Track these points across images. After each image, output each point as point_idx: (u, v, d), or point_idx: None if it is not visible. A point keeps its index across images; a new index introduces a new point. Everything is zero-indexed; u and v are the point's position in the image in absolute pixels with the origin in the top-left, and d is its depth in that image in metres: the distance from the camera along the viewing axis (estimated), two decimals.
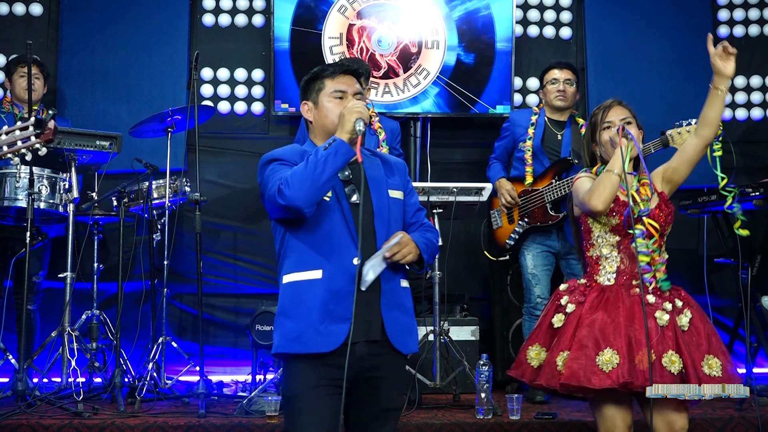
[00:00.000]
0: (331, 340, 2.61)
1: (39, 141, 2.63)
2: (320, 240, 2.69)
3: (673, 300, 3.15)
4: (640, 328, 3.03)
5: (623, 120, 3.26)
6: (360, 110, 2.65)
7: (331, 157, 2.58)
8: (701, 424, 4.04)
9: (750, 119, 6.25)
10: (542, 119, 5.02)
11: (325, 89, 2.80)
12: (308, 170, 2.58)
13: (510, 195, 4.95)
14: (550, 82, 4.99)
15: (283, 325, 2.73)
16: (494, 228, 5.09)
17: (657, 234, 3.19)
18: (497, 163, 5.18)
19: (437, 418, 4.15)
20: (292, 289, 2.73)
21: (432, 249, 2.81)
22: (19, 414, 4.02)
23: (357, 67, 2.85)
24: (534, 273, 4.81)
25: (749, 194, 4.89)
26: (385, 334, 2.69)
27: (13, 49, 5.73)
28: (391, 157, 2.96)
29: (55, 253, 5.21)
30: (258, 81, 6.05)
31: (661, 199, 3.26)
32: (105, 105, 5.78)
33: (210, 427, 3.96)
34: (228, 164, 6.01)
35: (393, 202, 2.79)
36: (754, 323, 5.14)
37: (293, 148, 2.86)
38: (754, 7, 6.27)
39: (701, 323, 3.14)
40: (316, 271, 2.68)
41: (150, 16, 5.89)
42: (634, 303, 3.11)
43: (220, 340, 5.90)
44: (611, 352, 3.00)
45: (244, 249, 5.95)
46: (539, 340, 3.23)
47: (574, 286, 3.26)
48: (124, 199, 4.67)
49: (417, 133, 6.02)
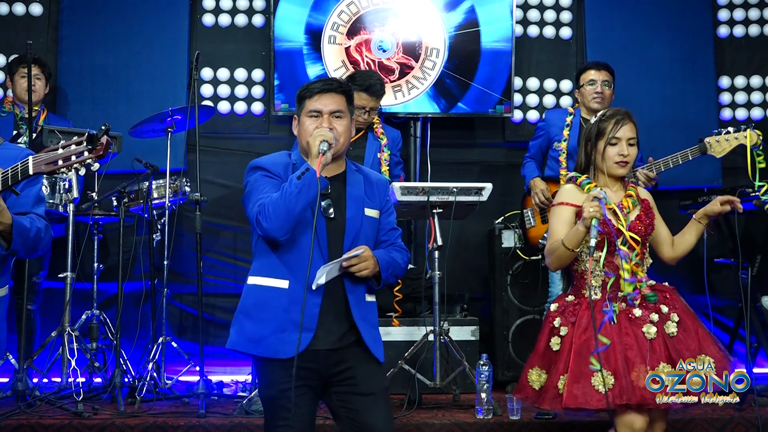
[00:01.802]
0: (290, 348, 2.73)
1: (92, 156, 2.64)
2: (292, 251, 2.82)
3: (659, 308, 3.20)
4: (632, 344, 3.10)
5: (630, 140, 3.29)
6: (322, 134, 2.79)
7: (305, 189, 2.71)
8: (701, 424, 4.04)
9: (750, 119, 6.25)
10: (577, 120, 4.95)
11: (304, 108, 2.92)
12: (283, 203, 2.72)
13: (544, 195, 4.93)
14: (588, 83, 4.89)
15: (243, 324, 2.87)
16: (527, 227, 5.09)
17: (637, 246, 3.23)
18: (531, 162, 5.14)
19: (437, 418, 4.15)
20: (256, 292, 2.87)
21: (394, 268, 2.93)
22: (19, 414, 4.02)
23: (337, 86, 2.93)
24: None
25: (749, 194, 4.88)
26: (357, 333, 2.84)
27: (13, 49, 5.73)
28: (374, 175, 3.06)
29: (55, 253, 5.20)
30: (258, 81, 6.05)
31: (642, 208, 3.31)
32: (105, 105, 5.78)
33: (210, 427, 3.96)
34: (228, 164, 6.01)
35: (367, 220, 2.92)
36: (754, 323, 5.13)
37: (279, 159, 2.97)
38: (754, 7, 6.27)
39: (689, 321, 3.21)
40: (283, 280, 2.82)
41: (150, 16, 5.89)
42: (622, 318, 3.16)
43: (220, 340, 5.88)
44: (605, 373, 3.05)
45: (244, 249, 5.95)
46: (538, 363, 3.30)
47: (564, 306, 3.31)
48: (124, 199, 4.67)
49: (417, 133, 6.02)
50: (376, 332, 2.94)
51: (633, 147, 3.30)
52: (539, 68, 6.22)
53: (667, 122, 5.96)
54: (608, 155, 3.28)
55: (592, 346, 3.09)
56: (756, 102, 6.27)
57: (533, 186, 5.00)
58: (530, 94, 6.18)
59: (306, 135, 2.87)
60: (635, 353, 3.09)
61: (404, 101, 5.90)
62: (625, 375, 3.05)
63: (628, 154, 3.28)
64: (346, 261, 2.79)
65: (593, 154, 3.33)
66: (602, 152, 3.29)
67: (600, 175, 3.33)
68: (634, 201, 3.29)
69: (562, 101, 6.16)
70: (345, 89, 2.96)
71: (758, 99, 6.26)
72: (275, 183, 2.85)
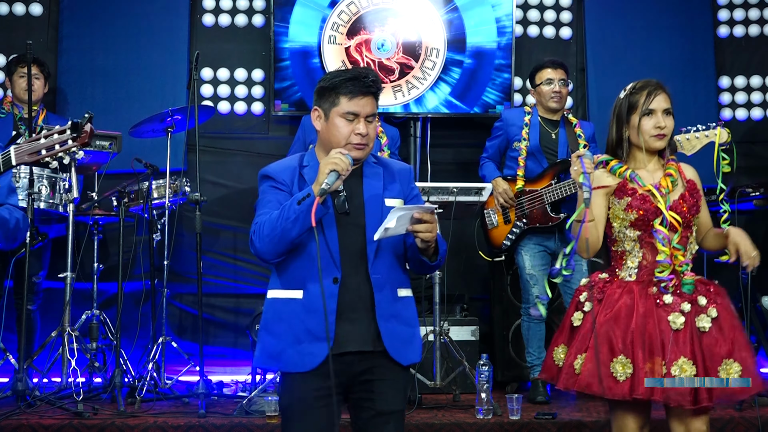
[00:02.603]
0: (308, 360, 2.63)
1: (76, 144, 2.62)
2: (303, 260, 2.69)
3: (696, 298, 2.98)
4: (654, 333, 2.92)
5: (665, 111, 3.12)
6: (336, 162, 2.58)
7: (302, 215, 2.57)
8: None
9: (750, 119, 6.25)
10: (536, 119, 4.93)
11: (338, 106, 2.72)
12: (278, 227, 2.60)
13: (507, 194, 4.91)
14: (545, 82, 4.88)
15: (263, 341, 2.77)
16: (489, 228, 5.04)
17: (680, 227, 3.03)
18: (490, 162, 5.09)
19: (437, 418, 4.15)
20: (273, 306, 2.77)
21: (443, 251, 2.75)
22: (19, 414, 4.02)
23: (375, 89, 2.75)
24: (532, 273, 4.78)
25: (749, 194, 4.89)
26: (382, 344, 2.67)
27: (13, 49, 5.73)
28: (396, 165, 2.89)
29: (55, 253, 5.21)
30: (258, 81, 6.05)
31: (686, 189, 3.11)
32: (105, 105, 5.78)
33: (210, 427, 3.96)
34: (228, 164, 6.01)
35: (388, 211, 2.70)
36: (754, 323, 5.14)
37: (287, 164, 2.81)
38: (754, 7, 6.27)
39: (727, 322, 2.97)
40: (297, 291, 2.71)
41: (150, 16, 5.89)
42: (650, 304, 2.97)
43: (220, 340, 5.89)
44: (625, 360, 2.91)
45: (244, 249, 5.94)
46: (564, 340, 3.10)
47: (594, 281, 3.11)
48: (124, 199, 4.68)
49: (417, 133, 6.02)
50: (410, 330, 2.76)
51: (669, 117, 3.13)
52: None
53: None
54: (644, 128, 3.08)
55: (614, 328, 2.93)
56: (756, 102, 6.27)
57: (495, 186, 4.92)
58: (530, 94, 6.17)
59: (338, 137, 2.69)
60: (656, 342, 2.90)
61: (404, 101, 5.90)
62: (642, 366, 2.88)
63: (665, 125, 3.10)
64: (419, 212, 2.56)
65: (625, 132, 3.12)
66: (637, 126, 3.09)
67: (637, 152, 3.12)
68: (674, 180, 3.09)
69: None
70: (376, 90, 2.77)
71: (758, 99, 6.26)
72: (281, 195, 2.71)
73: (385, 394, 2.72)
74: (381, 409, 2.71)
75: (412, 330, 2.78)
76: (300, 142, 4.95)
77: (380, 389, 2.71)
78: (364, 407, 2.72)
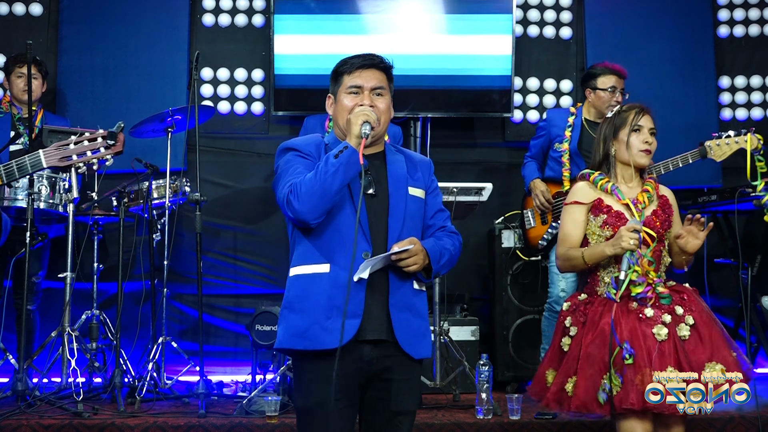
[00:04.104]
0: (335, 337, 2.50)
1: (109, 152, 2.62)
2: (330, 233, 2.61)
3: (673, 309, 3.13)
4: (640, 347, 3.04)
5: (651, 130, 3.29)
6: (366, 113, 2.59)
7: (342, 167, 2.52)
8: (701, 424, 4.04)
9: (750, 119, 6.25)
10: (579, 120, 4.87)
11: (342, 84, 2.72)
12: (318, 181, 2.52)
13: (544, 196, 4.90)
14: (608, 89, 4.77)
15: (287, 320, 2.65)
16: (527, 228, 5.07)
17: (652, 242, 3.19)
18: (532, 162, 5.10)
19: (437, 418, 4.15)
20: (298, 283, 2.66)
21: (447, 258, 2.73)
22: (19, 414, 4.02)
23: (379, 61, 2.74)
24: None
25: (749, 194, 4.88)
26: (394, 335, 2.61)
27: (13, 49, 5.72)
28: (417, 156, 2.88)
29: (54, 253, 5.20)
30: (258, 81, 6.05)
31: (659, 204, 3.28)
32: (105, 105, 5.78)
33: (210, 427, 3.96)
34: (228, 164, 6.01)
35: (411, 199, 2.71)
36: (754, 323, 5.14)
37: (311, 139, 2.78)
38: (754, 7, 6.27)
39: (703, 326, 3.12)
40: (324, 264, 2.61)
41: (150, 16, 5.89)
42: (633, 319, 3.10)
43: (220, 340, 5.89)
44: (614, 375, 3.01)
45: (244, 249, 5.95)
46: (553, 365, 3.26)
47: (575, 305, 3.27)
48: (124, 199, 4.67)
49: (417, 133, 6.02)
50: (423, 322, 2.71)
51: (654, 137, 3.31)
52: (539, 68, 6.22)
53: (667, 122, 5.90)
54: (632, 143, 3.26)
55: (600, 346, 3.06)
56: (756, 102, 6.26)
57: (533, 187, 4.97)
58: (530, 94, 6.18)
59: (345, 113, 2.67)
60: (642, 356, 3.03)
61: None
62: (632, 378, 3.00)
63: (651, 142, 3.28)
64: (395, 255, 2.57)
65: (613, 148, 3.30)
66: (626, 141, 3.26)
67: (620, 167, 3.30)
68: (650, 196, 3.27)
69: (562, 101, 6.16)
70: (386, 65, 2.75)
71: (758, 99, 6.26)
72: (308, 163, 2.65)
73: (401, 395, 2.67)
74: (396, 410, 2.67)
75: (424, 323, 2.74)
76: None
77: (396, 390, 2.65)
78: (379, 407, 2.67)
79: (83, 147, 2.62)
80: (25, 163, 2.64)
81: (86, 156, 2.62)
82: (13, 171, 2.67)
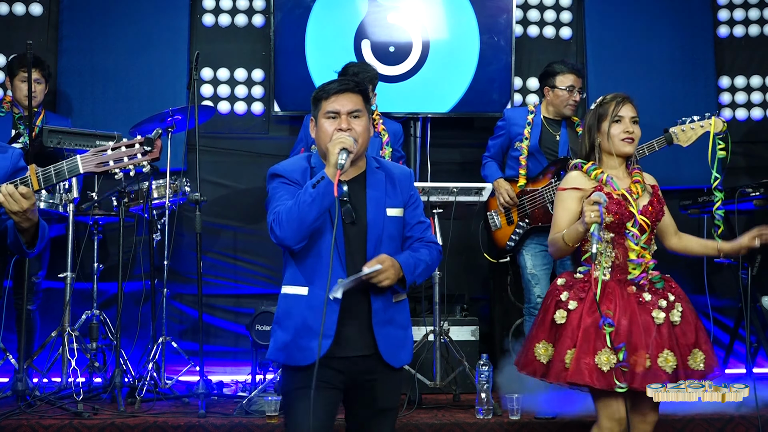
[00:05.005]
0: (306, 355, 2.75)
1: (146, 159, 2.65)
2: (311, 258, 2.82)
3: (666, 295, 3.25)
4: (637, 330, 3.15)
5: (633, 119, 3.33)
6: (342, 141, 2.74)
7: (319, 198, 2.69)
8: (701, 424, 4.05)
9: (750, 119, 6.25)
10: (539, 118, 4.92)
11: (321, 109, 2.88)
12: (296, 211, 2.71)
13: (509, 195, 4.91)
14: (567, 88, 4.85)
15: (275, 333, 2.90)
16: (492, 229, 5.04)
17: (648, 230, 3.27)
18: (492, 162, 5.10)
19: (437, 418, 4.15)
20: (284, 301, 2.90)
21: (422, 269, 2.89)
22: (19, 414, 4.02)
23: (354, 85, 2.89)
24: (533, 273, 4.79)
25: (749, 194, 4.89)
26: (377, 349, 2.81)
27: (13, 49, 5.73)
28: (397, 169, 3.00)
29: (55, 253, 5.20)
30: (258, 81, 6.05)
31: (654, 195, 3.35)
32: (105, 105, 5.78)
33: (210, 427, 3.97)
34: (228, 164, 6.01)
35: (390, 220, 2.88)
36: (754, 323, 5.14)
37: (297, 164, 2.93)
38: (754, 7, 6.27)
39: (691, 315, 3.26)
40: (303, 287, 2.83)
41: (150, 16, 5.88)
42: (631, 302, 3.21)
43: (220, 340, 5.89)
44: (609, 352, 3.10)
45: (244, 249, 5.95)
46: (545, 337, 3.28)
47: (572, 282, 3.30)
48: (124, 199, 4.67)
49: (417, 133, 6.02)
50: (403, 333, 2.91)
51: (636, 126, 3.35)
52: (539, 68, 6.19)
53: (667, 122, 5.93)
54: (613, 133, 3.31)
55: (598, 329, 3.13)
56: (756, 102, 6.26)
57: (497, 187, 4.93)
58: (530, 93, 6.18)
59: (325, 138, 2.83)
60: (639, 337, 3.13)
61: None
62: (627, 358, 3.10)
63: (632, 131, 3.32)
64: (365, 276, 2.75)
65: (597, 139, 3.35)
66: (607, 132, 3.31)
67: (606, 158, 3.35)
68: (642, 186, 3.32)
69: None
70: (361, 88, 2.91)
71: (758, 99, 6.26)
72: (293, 190, 2.82)
73: (384, 393, 2.88)
74: (380, 406, 2.87)
75: (405, 332, 2.94)
76: (302, 143, 4.96)
77: (379, 388, 2.86)
78: (362, 404, 2.88)
79: (120, 153, 2.63)
80: (63, 168, 2.66)
81: (123, 162, 2.64)
82: (50, 176, 2.68)
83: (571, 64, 5.02)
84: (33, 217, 2.72)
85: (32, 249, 2.80)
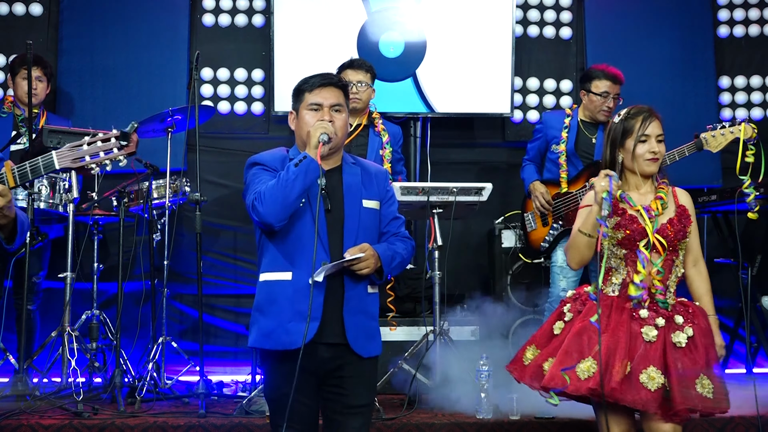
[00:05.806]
0: (296, 339, 2.78)
1: (122, 153, 2.64)
2: (291, 243, 2.87)
3: (672, 316, 3.10)
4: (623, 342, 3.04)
5: (658, 137, 3.21)
6: (324, 127, 2.84)
7: (301, 175, 2.77)
8: (701, 424, 4.04)
9: (750, 119, 6.25)
10: (575, 122, 4.91)
11: (304, 101, 2.96)
12: (279, 188, 2.77)
13: (544, 198, 4.92)
14: (602, 93, 4.81)
15: (258, 321, 2.93)
16: (528, 230, 5.08)
17: (664, 252, 3.13)
18: (531, 165, 5.13)
19: (437, 418, 4.15)
20: (266, 288, 2.92)
21: (398, 261, 2.96)
22: (19, 414, 4.01)
23: (337, 80, 3.00)
24: (563, 266, 4.74)
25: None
26: (346, 338, 2.86)
27: (13, 49, 5.73)
28: (372, 167, 3.09)
29: (55, 253, 5.20)
30: (258, 81, 6.05)
31: (676, 213, 3.20)
32: (105, 105, 5.78)
33: (210, 427, 3.96)
34: (228, 164, 6.01)
35: (366, 211, 2.95)
36: (754, 323, 5.14)
37: (276, 154, 3.01)
38: (754, 7, 6.28)
39: (702, 341, 3.09)
40: (287, 272, 2.87)
41: (150, 16, 5.89)
42: (625, 317, 3.10)
43: (220, 340, 5.90)
44: (591, 361, 3.02)
45: (244, 249, 5.95)
46: (536, 342, 3.27)
47: (578, 295, 3.27)
48: (124, 199, 4.67)
49: (417, 133, 6.02)
50: (372, 324, 2.96)
51: (662, 144, 3.23)
52: (539, 68, 6.22)
53: (667, 122, 5.87)
54: (638, 153, 3.19)
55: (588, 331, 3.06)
56: (756, 102, 6.27)
57: (533, 189, 4.98)
58: (530, 94, 6.18)
59: (306, 127, 2.91)
60: (622, 349, 3.02)
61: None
62: (608, 369, 2.98)
63: (658, 150, 3.20)
64: (346, 263, 2.81)
65: (620, 155, 3.23)
66: (632, 151, 3.19)
67: (629, 175, 3.24)
68: (663, 203, 3.19)
69: (562, 101, 6.16)
70: (342, 84, 3.03)
71: (758, 99, 6.27)
72: (273, 175, 2.88)
73: (355, 390, 2.91)
74: (351, 403, 2.91)
75: (375, 324, 2.99)
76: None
77: (350, 385, 2.91)
78: (334, 401, 2.92)
79: (96, 148, 2.62)
80: (38, 164, 2.64)
81: (99, 157, 2.62)
82: (26, 172, 2.66)
83: (609, 69, 4.92)
84: (9, 214, 2.69)
85: (11, 244, 2.78)
